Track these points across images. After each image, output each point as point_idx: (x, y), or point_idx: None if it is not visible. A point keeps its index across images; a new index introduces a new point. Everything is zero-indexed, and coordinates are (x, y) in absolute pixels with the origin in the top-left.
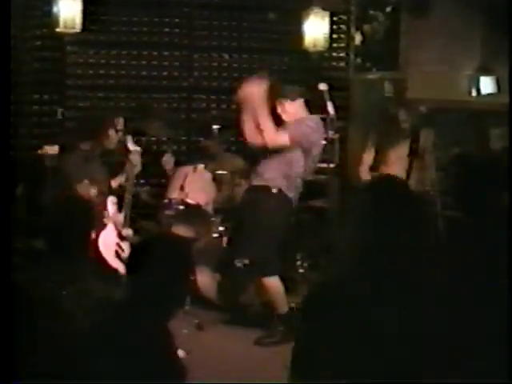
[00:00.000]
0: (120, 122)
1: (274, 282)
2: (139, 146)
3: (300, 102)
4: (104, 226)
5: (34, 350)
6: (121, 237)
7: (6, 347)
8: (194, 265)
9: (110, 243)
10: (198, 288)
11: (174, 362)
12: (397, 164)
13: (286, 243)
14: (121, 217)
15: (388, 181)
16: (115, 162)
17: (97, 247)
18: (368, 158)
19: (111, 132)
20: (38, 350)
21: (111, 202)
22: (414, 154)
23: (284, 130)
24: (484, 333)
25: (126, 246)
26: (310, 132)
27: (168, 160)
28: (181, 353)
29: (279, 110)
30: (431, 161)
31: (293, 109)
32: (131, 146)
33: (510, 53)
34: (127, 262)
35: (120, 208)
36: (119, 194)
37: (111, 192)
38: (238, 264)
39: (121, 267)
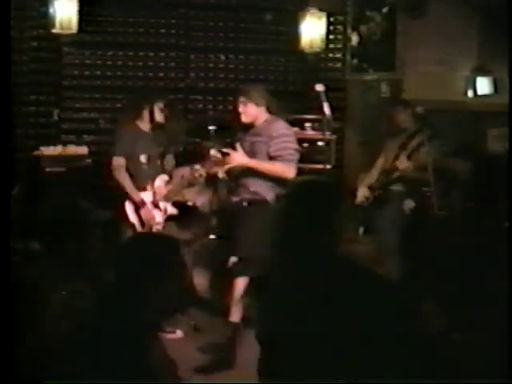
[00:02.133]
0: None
1: (240, 283)
2: None
3: (263, 109)
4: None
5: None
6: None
7: (6, 347)
8: (186, 266)
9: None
10: (195, 289)
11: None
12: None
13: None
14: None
15: (308, 184)
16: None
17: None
18: (380, 162)
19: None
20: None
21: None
22: (411, 154)
23: (284, 160)
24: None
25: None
26: (294, 146)
27: (169, 160)
28: (179, 333)
29: (240, 109)
30: (428, 162)
31: (255, 112)
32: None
33: (509, 54)
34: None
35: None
36: None
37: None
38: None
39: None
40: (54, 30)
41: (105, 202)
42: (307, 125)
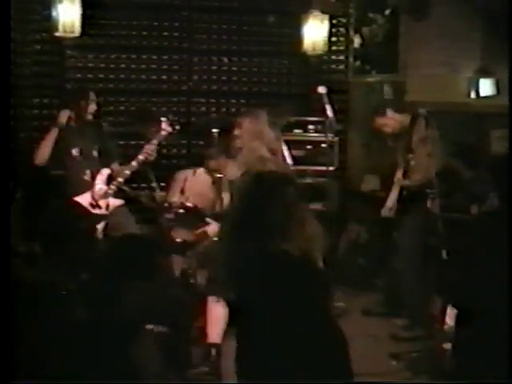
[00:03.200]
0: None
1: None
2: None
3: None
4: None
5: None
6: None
7: (6, 347)
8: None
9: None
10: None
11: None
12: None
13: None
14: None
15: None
16: None
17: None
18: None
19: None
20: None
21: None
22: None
23: None
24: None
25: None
26: None
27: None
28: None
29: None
30: (431, 162)
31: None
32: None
33: (510, 55)
34: None
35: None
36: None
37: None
38: None
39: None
40: (56, 34)
41: None
42: (310, 127)
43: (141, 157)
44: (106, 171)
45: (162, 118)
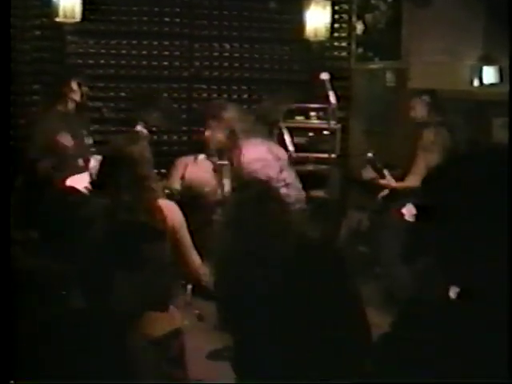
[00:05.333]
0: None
1: None
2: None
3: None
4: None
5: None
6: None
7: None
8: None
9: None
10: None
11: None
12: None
13: None
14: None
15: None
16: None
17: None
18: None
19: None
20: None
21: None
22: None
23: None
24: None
25: None
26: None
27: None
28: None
29: (207, 134)
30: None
31: (224, 137)
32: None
33: (509, 43)
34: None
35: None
36: None
37: None
38: None
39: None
40: (57, 19)
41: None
42: (312, 114)
43: None
44: (98, 157)
45: (139, 123)
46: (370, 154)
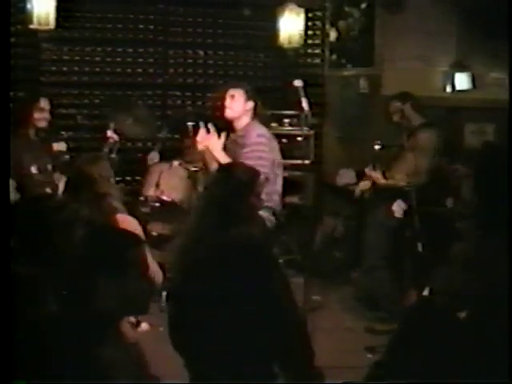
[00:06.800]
0: (44, 102)
1: None
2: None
3: (250, 107)
4: None
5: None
6: None
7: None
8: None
9: None
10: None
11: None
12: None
13: None
14: None
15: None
16: None
17: None
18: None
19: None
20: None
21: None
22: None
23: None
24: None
25: None
26: (267, 155)
27: (153, 157)
28: (145, 326)
29: (227, 103)
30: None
31: (241, 109)
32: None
33: (509, 54)
34: None
35: None
36: None
37: None
38: None
39: None
40: (31, 26)
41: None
42: (286, 120)
43: None
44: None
45: (110, 126)
46: (377, 147)
